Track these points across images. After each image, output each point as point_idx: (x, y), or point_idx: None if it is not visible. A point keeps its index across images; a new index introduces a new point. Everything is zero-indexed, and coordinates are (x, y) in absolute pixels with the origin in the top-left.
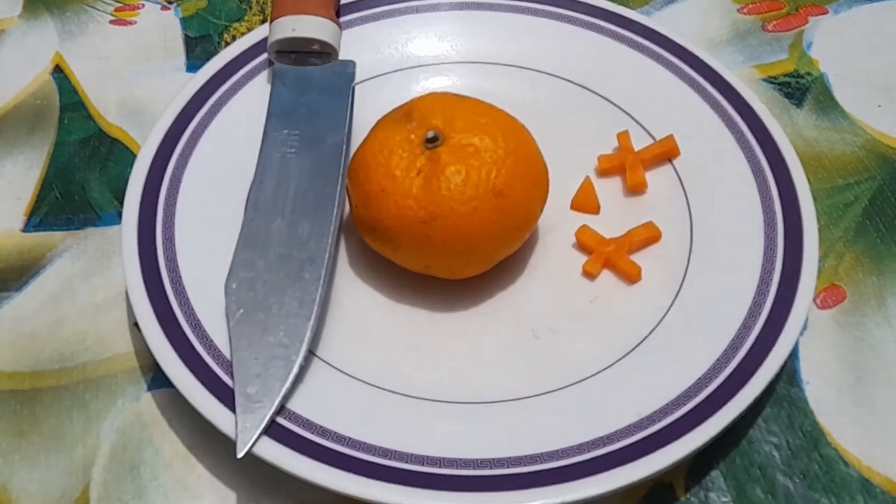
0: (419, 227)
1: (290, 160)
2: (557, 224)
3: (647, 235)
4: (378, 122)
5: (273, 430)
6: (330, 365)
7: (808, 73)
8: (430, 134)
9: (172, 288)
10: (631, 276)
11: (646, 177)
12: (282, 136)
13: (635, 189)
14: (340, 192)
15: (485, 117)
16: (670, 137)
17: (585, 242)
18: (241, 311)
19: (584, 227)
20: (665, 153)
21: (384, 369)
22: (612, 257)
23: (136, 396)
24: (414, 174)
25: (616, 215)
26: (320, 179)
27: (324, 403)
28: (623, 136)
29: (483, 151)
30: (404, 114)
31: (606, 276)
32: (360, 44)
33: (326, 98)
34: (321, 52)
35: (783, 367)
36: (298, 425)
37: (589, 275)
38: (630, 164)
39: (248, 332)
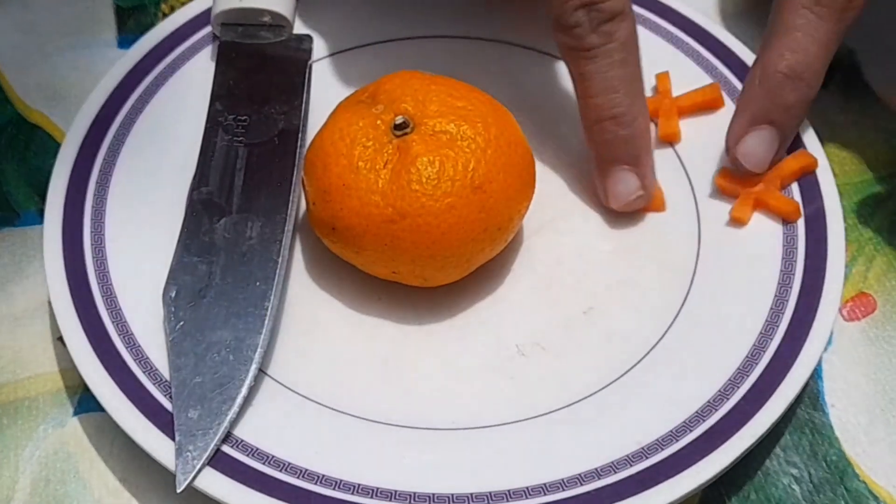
0: (386, 226)
1: (238, 150)
2: (544, 224)
3: (802, 165)
4: (339, 106)
5: (218, 461)
6: (284, 386)
7: None
8: (399, 119)
9: (103, 297)
10: (788, 214)
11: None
12: (228, 122)
13: (667, 139)
14: (295, 187)
15: (462, 101)
16: (715, 86)
17: (727, 186)
18: (182, 323)
19: (725, 168)
20: (707, 102)
21: (346, 391)
22: (762, 197)
23: (60, 422)
24: (380, 166)
25: (611, 216)
26: (272, 172)
27: (277, 430)
28: (662, 78)
29: (460, 140)
30: (369, 96)
31: (602, 282)
32: (317, 15)
33: (279, 78)
34: (273, 25)
35: (804, 389)
36: (247, 455)
37: (738, 221)
38: (665, 110)
39: (190, 348)
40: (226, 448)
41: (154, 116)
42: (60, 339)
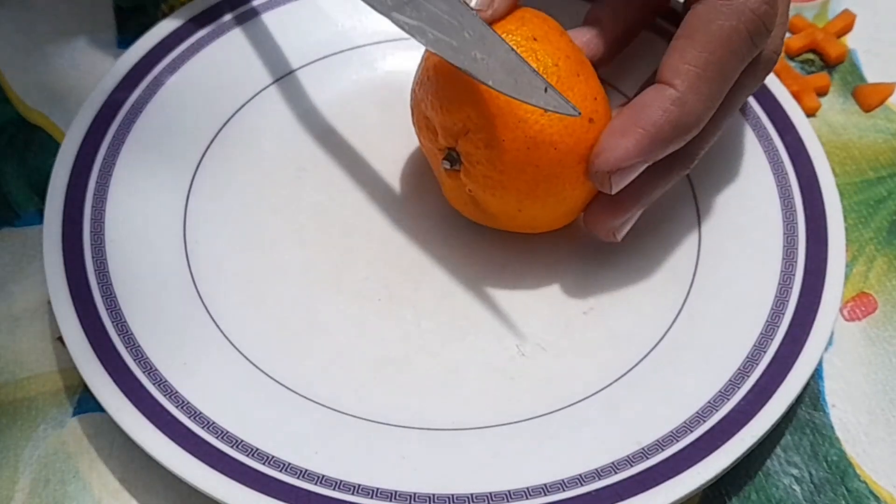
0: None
1: None
2: None
3: (843, 24)
4: None
5: (219, 461)
6: (284, 386)
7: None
8: None
9: (102, 297)
10: (837, 58)
11: None
12: None
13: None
14: None
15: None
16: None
17: (795, 23)
18: None
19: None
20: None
21: (345, 390)
22: (820, 42)
23: (59, 422)
24: None
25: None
26: None
27: (277, 430)
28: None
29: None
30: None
31: (602, 282)
32: (314, 16)
33: None
34: None
35: (805, 389)
36: (247, 455)
37: (788, 50)
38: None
39: None
40: (226, 448)
41: (153, 116)
42: (60, 338)
